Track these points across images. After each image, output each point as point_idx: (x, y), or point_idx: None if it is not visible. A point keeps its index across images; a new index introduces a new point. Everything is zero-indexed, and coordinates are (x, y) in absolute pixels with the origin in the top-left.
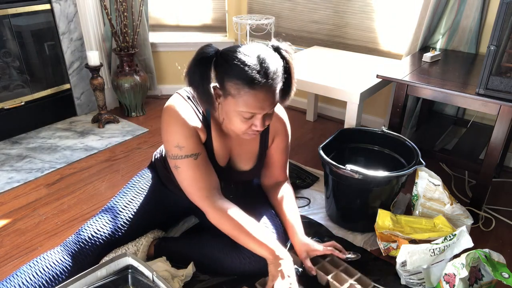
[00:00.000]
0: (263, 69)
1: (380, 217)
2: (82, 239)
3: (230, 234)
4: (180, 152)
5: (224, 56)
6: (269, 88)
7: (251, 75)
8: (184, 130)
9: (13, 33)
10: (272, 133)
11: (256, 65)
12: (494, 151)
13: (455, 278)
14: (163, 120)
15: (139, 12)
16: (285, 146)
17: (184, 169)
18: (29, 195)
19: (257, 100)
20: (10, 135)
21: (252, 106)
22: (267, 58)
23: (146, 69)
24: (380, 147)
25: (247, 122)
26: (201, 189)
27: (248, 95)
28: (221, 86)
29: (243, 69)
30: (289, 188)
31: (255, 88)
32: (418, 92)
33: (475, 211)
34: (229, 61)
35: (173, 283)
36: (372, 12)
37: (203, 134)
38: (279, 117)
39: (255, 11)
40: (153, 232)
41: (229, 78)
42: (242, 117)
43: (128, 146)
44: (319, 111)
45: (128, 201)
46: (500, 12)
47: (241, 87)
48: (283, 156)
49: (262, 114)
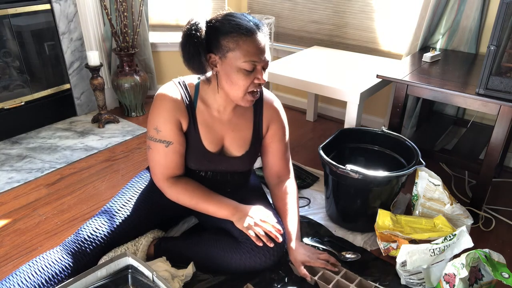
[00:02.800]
0: (253, 21)
1: (380, 217)
2: (81, 238)
3: (189, 204)
4: (156, 135)
5: (215, 20)
6: (263, 36)
7: (246, 24)
8: (164, 116)
9: (13, 33)
10: (266, 120)
11: (246, 18)
12: (494, 151)
13: (455, 278)
14: (153, 102)
15: (139, 12)
16: (282, 134)
17: (154, 151)
18: (29, 195)
19: (256, 46)
20: (10, 135)
21: (253, 53)
22: (254, 17)
23: (146, 69)
24: (380, 147)
25: (250, 77)
26: (163, 173)
27: (247, 43)
28: (218, 48)
29: (238, 22)
30: (292, 187)
31: (253, 35)
32: (418, 92)
33: (475, 211)
34: (220, 21)
35: (173, 283)
36: (372, 12)
37: (185, 122)
38: (273, 105)
39: (255, 11)
40: (153, 232)
41: (225, 34)
42: (245, 70)
43: (128, 146)
44: (319, 111)
45: (125, 202)
46: (500, 12)
47: (239, 37)
48: (281, 145)
49: (262, 63)
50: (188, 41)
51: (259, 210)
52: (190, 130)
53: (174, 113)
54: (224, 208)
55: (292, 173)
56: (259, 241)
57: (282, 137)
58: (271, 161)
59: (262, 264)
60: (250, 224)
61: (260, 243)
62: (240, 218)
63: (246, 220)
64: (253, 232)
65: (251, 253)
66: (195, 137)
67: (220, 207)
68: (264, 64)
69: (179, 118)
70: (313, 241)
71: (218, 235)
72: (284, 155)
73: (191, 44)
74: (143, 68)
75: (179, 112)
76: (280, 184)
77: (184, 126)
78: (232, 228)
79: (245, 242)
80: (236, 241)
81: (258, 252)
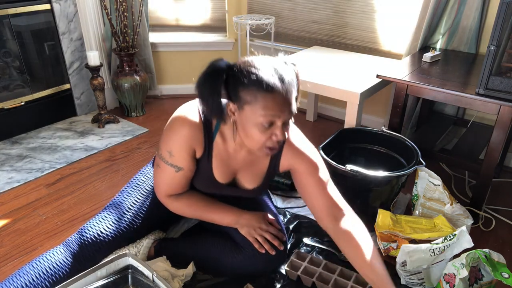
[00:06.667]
0: (278, 75)
1: (380, 217)
2: (86, 239)
3: (193, 217)
4: (168, 158)
5: (237, 68)
6: (286, 94)
7: (267, 79)
8: (181, 143)
9: (13, 33)
10: (286, 162)
11: (271, 71)
12: (494, 151)
13: (455, 278)
14: (170, 123)
15: (139, 12)
16: (313, 170)
17: (162, 172)
18: (29, 195)
19: (276, 103)
20: (10, 135)
21: (271, 109)
22: (281, 68)
23: (146, 69)
24: (380, 147)
25: (266, 132)
26: (166, 191)
27: (266, 99)
28: (236, 98)
29: (259, 76)
30: (353, 223)
31: (273, 91)
32: (418, 92)
33: (475, 211)
34: (243, 71)
35: (173, 283)
36: (372, 12)
37: (200, 151)
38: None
39: (255, 11)
40: (153, 233)
41: (245, 86)
42: (262, 125)
43: (128, 146)
44: (319, 111)
45: (133, 202)
46: (500, 12)
47: (258, 92)
48: (315, 180)
49: (282, 121)
50: (206, 82)
51: (262, 217)
52: (203, 159)
53: (191, 142)
54: (228, 216)
55: (348, 208)
56: (262, 249)
57: (314, 172)
58: (313, 200)
59: (263, 270)
60: (254, 231)
61: (262, 250)
62: (244, 225)
63: (249, 227)
64: (256, 239)
65: (252, 260)
66: (207, 167)
67: (224, 215)
68: (285, 120)
69: (195, 147)
70: (313, 241)
71: (219, 237)
72: (324, 189)
73: (207, 87)
74: (143, 68)
75: (196, 142)
76: (337, 225)
77: (198, 154)
78: (234, 232)
79: (247, 248)
80: (237, 245)
81: (260, 259)
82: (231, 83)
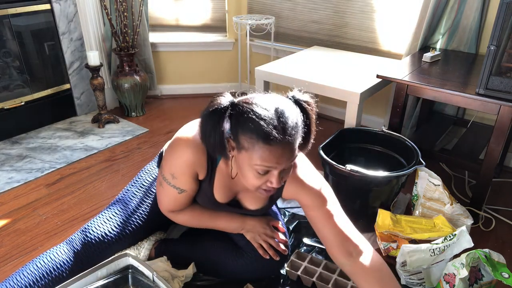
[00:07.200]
0: (280, 124)
1: (380, 217)
2: (90, 240)
3: (199, 226)
4: (171, 180)
5: (239, 108)
6: (286, 145)
7: (266, 130)
8: (183, 167)
9: (13, 33)
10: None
11: (273, 119)
12: (494, 151)
13: (455, 278)
14: (173, 144)
15: (139, 12)
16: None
17: (165, 191)
18: (29, 195)
19: (273, 155)
20: (10, 135)
21: (268, 161)
22: (286, 112)
23: (146, 69)
24: (380, 147)
25: (262, 178)
26: (169, 208)
27: (263, 150)
28: (235, 139)
29: (258, 123)
30: (370, 258)
31: (271, 144)
32: (418, 92)
33: (475, 211)
34: (243, 114)
35: (173, 284)
36: (372, 12)
37: (202, 174)
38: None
39: (255, 11)
40: (154, 234)
41: (244, 131)
42: (257, 172)
43: (128, 146)
44: (319, 111)
45: (138, 204)
46: (500, 12)
47: (256, 141)
48: (323, 212)
49: (279, 170)
50: (208, 119)
51: (267, 222)
52: (205, 181)
53: (194, 166)
54: (234, 223)
55: (364, 242)
56: (266, 254)
57: (321, 205)
58: (324, 235)
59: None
60: (258, 237)
61: (267, 256)
62: (249, 230)
63: (254, 233)
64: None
65: (254, 264)
66: (208, 189)
67: (230, 223)
68: (282, 170)
69: (197, 171)
70: (313, 241)
71: (220, 240)
72: (334, 222)
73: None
74: (143, 68)
75: (199, 166)
76: (353, 262)
77: (200, 177)
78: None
79: (250, 253)
80: (239, 249)
81: (262, 264)
82: (233, 121)
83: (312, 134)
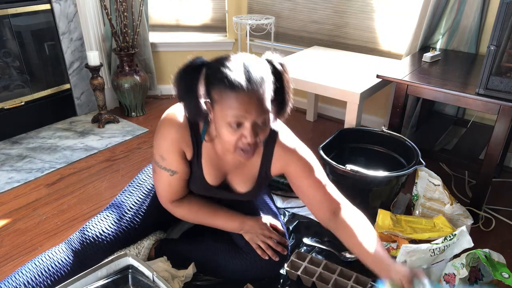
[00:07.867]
0: (246, 74)
1: (380, 217)
2: (87, 238)
3: (198, 222)
4: (161, 162)
5: (210, 65)
6: (253, 93)
7: (232, 78)
8: (169, 145)
9: (13, 33)
10: (278, 164)
11: (239, 70)
12: (494, 151)
13: (455, 278)
14: (158, 125)
15: (139, 12)
16: (307, 171)
17: (159, 177)
18: (29, 195)
19: (240, 103)
20: (10, 135)
21: (236, 109)
22: (252, 65)
23: (146, 69)
24: (380, 147)
25: (236, 133)
26: (167, 197)
27: (230, 98)
28: (209, 95)
29: (225, 73)
30: (352, 213)
31: (237, 91)
32: (418, 92)
33: (475, 211)
34: (213, 69)
35: (173, 284)
36: (372, 12)
37: (189, 152)
38: (286, 146)
39: (255, 11)
40: (154, 234)
41: (213, 84)
42: (229, 126)
43: (128, 146)
44: (319, 111)
45: (134, 202)
46: (500, 12)
47: (223, 91)
48: (310, 181)
49: (250, 122)
50: (181, 80)
51: (265, 223)
52: (193, 161)
53: (178, 144)
54: (232, 222)
55: (345, 201)
56: (265, 255)
57: (309, 173)
58: (312, 201)
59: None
60: (257, 238)
61: (265, 257)
62: (248, 231)
63: (253, 233)
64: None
65: (253, 265)
66: (198, 171)
67: (228, 222)
68: (254, 121)
69: (183, 148)
70: (313, 241)
71: (220, 240)
72: (320, 187)
73: (183, 85)
74: (143, 68)
75: (184, 143)
76: (336, 218)
77: (188, 156)
78: (236, 237)
79: (249, 253)
80: (238, 249)
81: (261, 264)
82: (206, 79)
83: (288, 96)
